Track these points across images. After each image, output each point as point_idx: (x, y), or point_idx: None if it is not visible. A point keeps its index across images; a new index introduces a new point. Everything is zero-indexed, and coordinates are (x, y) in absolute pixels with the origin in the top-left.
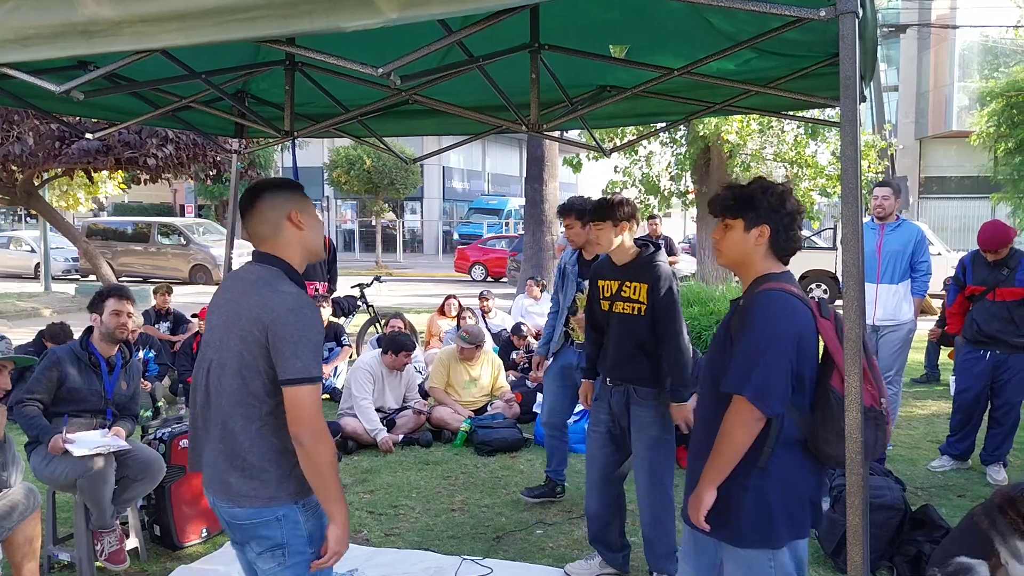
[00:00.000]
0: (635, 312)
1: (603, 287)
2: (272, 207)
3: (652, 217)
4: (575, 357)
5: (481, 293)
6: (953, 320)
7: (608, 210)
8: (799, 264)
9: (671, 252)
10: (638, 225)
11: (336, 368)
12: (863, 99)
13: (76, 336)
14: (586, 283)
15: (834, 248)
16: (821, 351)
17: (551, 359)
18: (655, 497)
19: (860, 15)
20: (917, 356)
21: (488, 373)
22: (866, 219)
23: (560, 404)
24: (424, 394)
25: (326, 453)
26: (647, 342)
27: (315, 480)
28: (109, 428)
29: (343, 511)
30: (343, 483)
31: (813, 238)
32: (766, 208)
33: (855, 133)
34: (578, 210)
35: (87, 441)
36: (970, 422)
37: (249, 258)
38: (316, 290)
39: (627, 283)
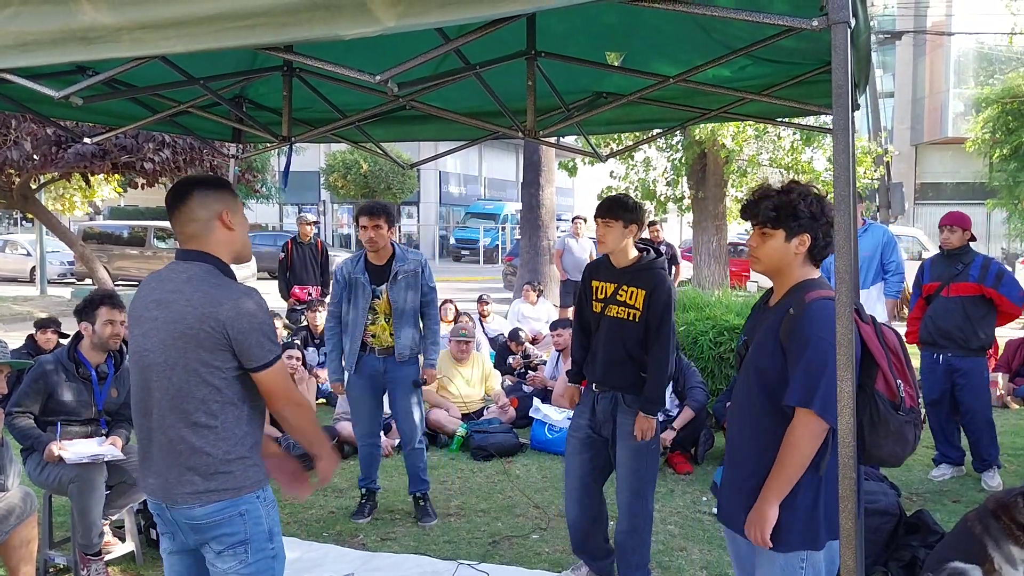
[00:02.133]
0: (629, 317)
1: (597, 288)
2: (202, 206)
3: (653, 223)
4: (380, 363)
5: (480, 297)
6: (913, 327)
7: (621, 210)
8: None
9: (674, 261)
10: (642, 231)
11: None
12: (856, 107)
13: (64, 327)
14: (380, 288)
15: None
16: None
17: (349, 373)
18: (636, 507)
19: (852, 24)
20: (915, 362)
21: (479, 373)
22: None
23: (372, 413)
24: None
25: (308, 416)
26: (637, 349)
27: (304, 439)
28: (106, 436)
29: (330, 450)
30: (339, 487)
31: None
32: (808, 218)
33: (847, 141)
34: (388, 214)
35: (82, 449)
36: (943, 428)
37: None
38: (309, 294)
39: (624, 287)
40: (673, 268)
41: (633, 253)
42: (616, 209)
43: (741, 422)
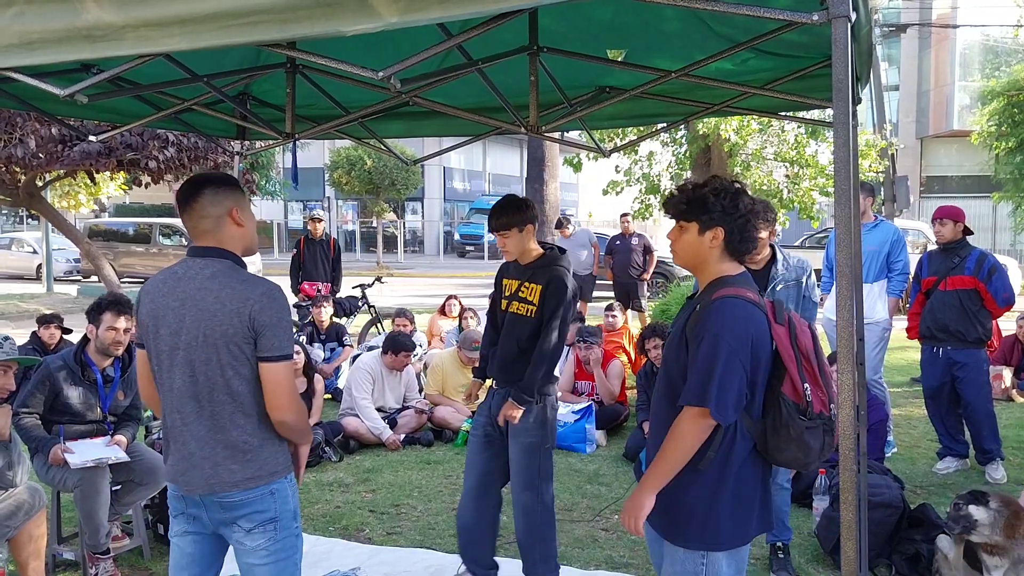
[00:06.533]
0: (526, 313)
1: (506, 286)
2: (213, 203)
3: (624, 215)
4: None
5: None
6: (914, 322)
7: (513, 215)
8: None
9: (648, 251)
10: (536, 226)
11: (338, 368)
12: (858, 101)
13: (69, 323)
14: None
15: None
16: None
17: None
18: (530, 503)
19: (853, 19)
20: (916, 355)
21: None
22: None
23: None
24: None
25: (305, 424)
26: (529, 344)
27: (296, 437)
28: (111, 436)
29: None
30: (345, 482)
31: (812, 237)
32: (720, 211)
33: (848, 135)
34: None
35: (87, 452)
36: (944, 421)
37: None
38: (318, 290)
39: (526, 283)
40: (647, 257)
41: (536, 251)
42: (504, 216)
43: (655, 413)
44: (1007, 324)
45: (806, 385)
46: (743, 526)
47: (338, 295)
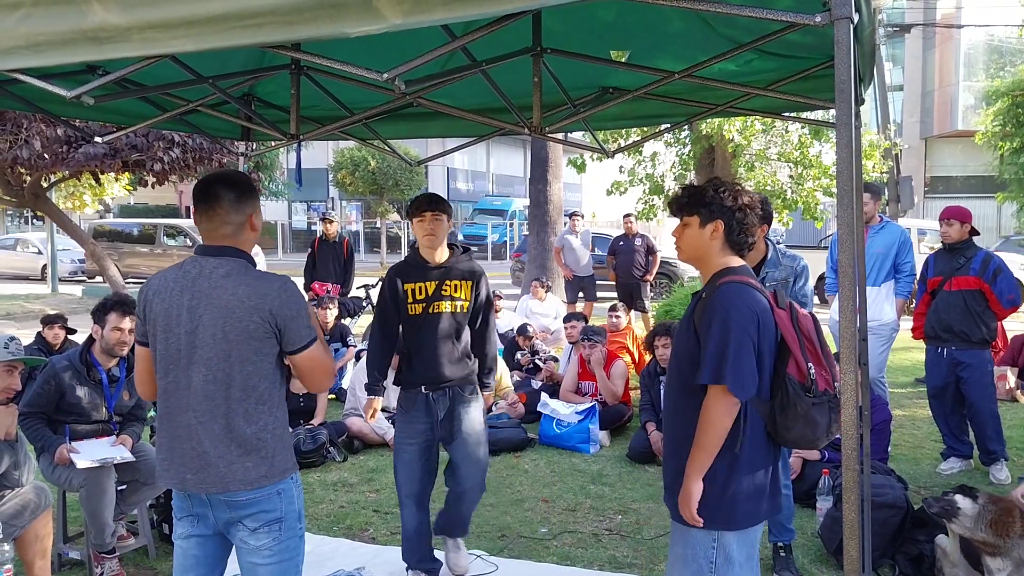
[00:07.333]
0: (458, 310)
1: (414, 289)
2: (236, 210)
3: (627, 215)
4: None
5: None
6: (919, 322)
7: (446, 204)
8: (812, 266)
9: (651, 252)
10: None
11: (342, 369)
12: (861, 101)
13: (74, 324)
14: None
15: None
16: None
17: None
18: (481, 486)
19: (855, 20)
20: (920, 356)
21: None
22: None
23: None
24: None
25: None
26: (465, 339)
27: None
28: (117, 436)
29: None
30: (349, 482)
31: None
32: (719, 204)
33: (850, 136)
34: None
35: (93, 451)
36: (948, 421)
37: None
38: (327, 291)
39: (448, 281)
40: (650, 258)
41: (447, 250)
42: (443, 203)
43: (668, 405)
44: (1012, 325)
45: (810, 364)
46: (755, 506)
47: (346, 296)
